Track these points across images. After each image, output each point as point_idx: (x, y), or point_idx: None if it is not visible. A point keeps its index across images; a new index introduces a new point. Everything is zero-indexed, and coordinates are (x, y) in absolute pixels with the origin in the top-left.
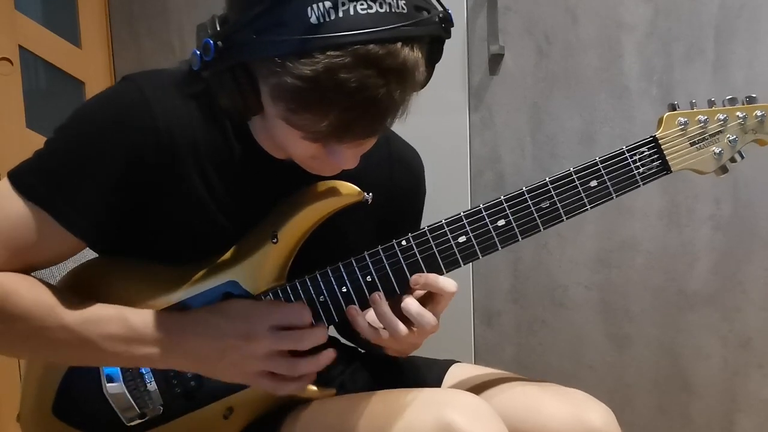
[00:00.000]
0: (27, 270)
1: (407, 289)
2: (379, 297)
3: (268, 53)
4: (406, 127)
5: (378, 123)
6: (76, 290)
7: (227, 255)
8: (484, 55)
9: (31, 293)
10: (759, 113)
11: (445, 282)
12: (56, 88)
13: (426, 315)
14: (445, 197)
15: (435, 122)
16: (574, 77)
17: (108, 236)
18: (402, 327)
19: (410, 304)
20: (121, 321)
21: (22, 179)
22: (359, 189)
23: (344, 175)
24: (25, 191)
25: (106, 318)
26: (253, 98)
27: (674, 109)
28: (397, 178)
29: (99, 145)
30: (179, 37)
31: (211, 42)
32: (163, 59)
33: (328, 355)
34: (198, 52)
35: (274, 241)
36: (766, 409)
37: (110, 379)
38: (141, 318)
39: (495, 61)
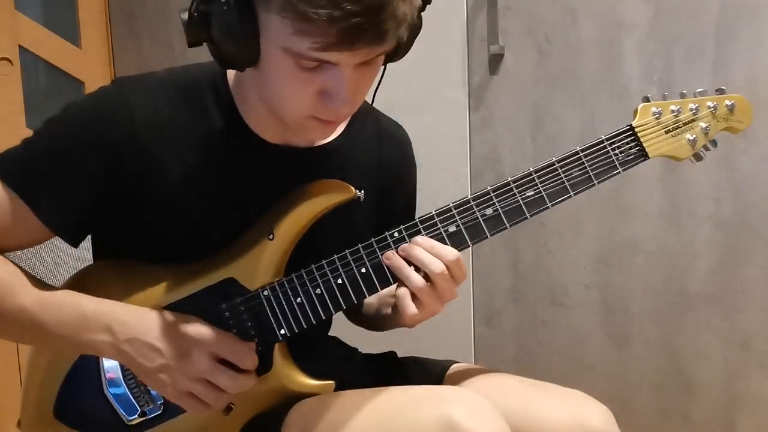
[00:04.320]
0: None
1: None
2: (392, 253)
3: None
4: (407, 126)
5: (382, 32)
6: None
7: (224, 252)
8: (484, 55)
9: None
10: (729, 102)
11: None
12: (56, 88)
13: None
14: (446, 197)
15: (435, 122)
16: (574, 77)
17: (80, 231)
18: (439, 262)
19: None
20: (74, 307)
21: (3, 165)
22: (352, 187)
23: (336, 156)
24: (4, 177)
25: (62, 304)
26: (254, 36)
27: (648, 101)
28: (386, 152)
29: (76, 144)
30: (179, 37)
31: None
32: (163, 59)
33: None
34: None
35: (270, 237)
36: (766, 409)
37: (111, 379)
38: (93, 306)
39: (495, 61)
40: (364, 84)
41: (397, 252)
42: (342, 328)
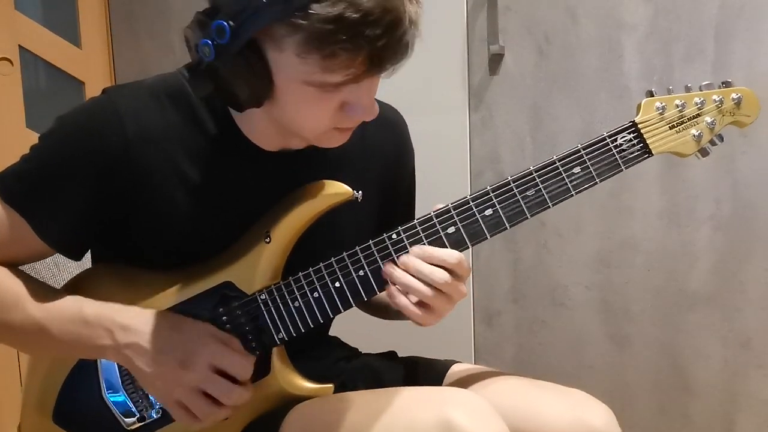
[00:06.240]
0: (1, 264)
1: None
2: (392, 266)
3: (288, 9)
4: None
5: (405, 44)
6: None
7: (222, 256)
8: (484, 55)
9: (1, 283)
10: (735, 96)
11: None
12: (56, 88)
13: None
14: (446, 197)
15: (435, 122)
16: (574, 77)
17: (79, 245)
18: (442, 272)
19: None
20: (77, 312)
21: (4, 182)
22: (349, 188)
23: (333, 155)
24: (3, 194)
25: (66, 310)
26: (267, 78)
27: (652, 96)
28: (382, 141)
29: (71, 157)
30: (179, 37)
31: (224, 22)
32: (163, 59)
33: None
34: (208, 41)
35: (267, 240)
36: (766, 409)
37: (109, 384)
38: (94, 310)
39: (495, 61)
40: (377, 87)
41: (396, 265)
42: (342, 328)
